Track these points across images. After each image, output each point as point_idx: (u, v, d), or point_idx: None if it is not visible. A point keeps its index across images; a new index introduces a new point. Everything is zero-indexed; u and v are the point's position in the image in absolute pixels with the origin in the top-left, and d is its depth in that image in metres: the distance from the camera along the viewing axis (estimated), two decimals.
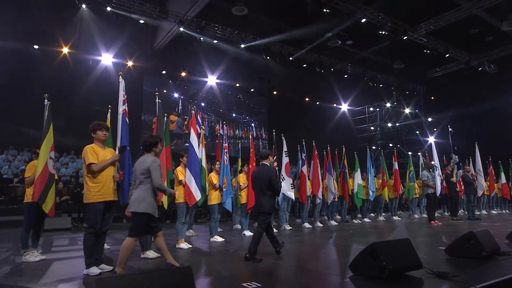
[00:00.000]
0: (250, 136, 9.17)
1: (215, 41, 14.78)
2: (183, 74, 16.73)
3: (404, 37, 14.60)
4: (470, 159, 11.96)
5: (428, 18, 14.18)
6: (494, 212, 12.92)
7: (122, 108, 4.81)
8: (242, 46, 15.15)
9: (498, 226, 8.38)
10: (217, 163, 6.94)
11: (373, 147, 20.71)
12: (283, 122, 18.40)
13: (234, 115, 18.99)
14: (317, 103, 21.13)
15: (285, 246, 5.09)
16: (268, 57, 15.99)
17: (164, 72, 16.38)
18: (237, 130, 18.76)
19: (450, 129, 11.75)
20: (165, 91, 16.47)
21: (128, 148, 4.69)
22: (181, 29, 13.48)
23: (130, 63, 14.99)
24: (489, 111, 17.24)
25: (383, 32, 14.62)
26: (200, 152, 6.51)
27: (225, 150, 7.19)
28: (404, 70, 18.33)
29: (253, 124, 19.43)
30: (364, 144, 16.89)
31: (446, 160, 12.21)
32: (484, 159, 12.24)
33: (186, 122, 16.67)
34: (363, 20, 13.58)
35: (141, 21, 13.24)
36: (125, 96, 4.91)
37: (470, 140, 12.23)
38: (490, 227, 7.86)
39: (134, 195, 3.77)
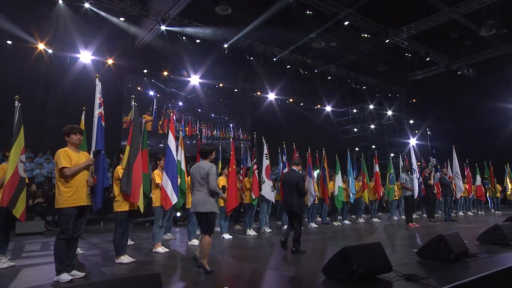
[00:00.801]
0: (231, 138, 9.14)
1: (198, 41, 14.63)
2: (165, 73, 16.50)
3: (386, 40, 14.87)
4: (448, 162, 12.25)
5: (409, 22, 14.49)
6: (470, 213, 13.28)
7: (98, 111, 4.70)
8: (226, 46, 15.09)
9: (472, 227, 8.63)
10: None
11: (356, 149, 20.97)
12: (266, 123, 18.44)
13: (212, 115, 18.82)
14: (301, 104, 21.28)
15: (264, 250, 5.12)
16: (252, 58, 15.97)
17: (145, 71, 16.12)
18: (215, 131, 18.65)
19: (428, 132, 12.03)
20: (139, 88, 15.99)
21: (103, 152, 4.60)
22: (163, 27, 13.31)
23: (110, 61, 14.64)
24: (467, 114, 17.73)
25: (366, 35, 14.85)
26: (180, 155, 6.45)
27: None
28: (386, 73, 18.65)
29: (231, 125, 19.34)
30: (346, 146, 17.09)
31: (425, 163, 12.49)
32: (462, 161, 12.56)
33: (161, 122, 16.40)
34: (346, 23, 13.75)
35: (122, 19, 12.97)
36: (102, 99, 4.81)
37: (449, 142, 12.52)
38: (464, 229, 8.17)
39: (197, 197, 4.20)
